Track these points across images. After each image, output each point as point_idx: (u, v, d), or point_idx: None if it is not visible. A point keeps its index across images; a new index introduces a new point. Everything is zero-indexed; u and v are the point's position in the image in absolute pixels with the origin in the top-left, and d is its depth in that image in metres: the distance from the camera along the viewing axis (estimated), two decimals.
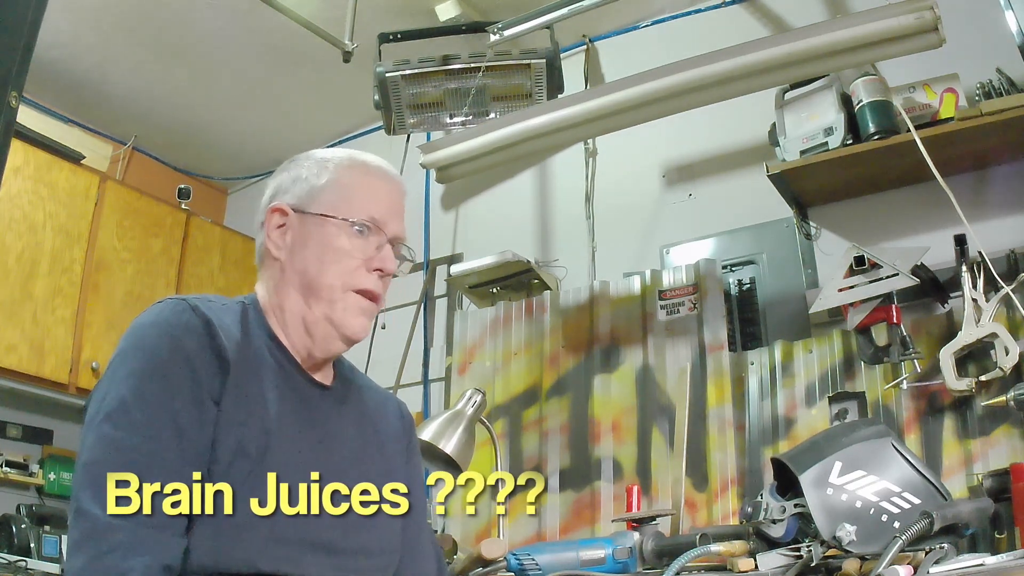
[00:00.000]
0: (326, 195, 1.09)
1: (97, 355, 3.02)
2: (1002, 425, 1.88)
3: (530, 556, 1.53)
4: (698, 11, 2.92)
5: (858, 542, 1.16)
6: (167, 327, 0.97)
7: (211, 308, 1.01)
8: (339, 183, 1.10)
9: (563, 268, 2.92)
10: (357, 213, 1.07)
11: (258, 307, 1.09)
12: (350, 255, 1.07)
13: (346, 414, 1.13)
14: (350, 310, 1.07)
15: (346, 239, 1.07)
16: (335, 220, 1.07)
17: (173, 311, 0.98)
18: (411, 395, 3.07)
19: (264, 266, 1.12)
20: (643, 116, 2.23)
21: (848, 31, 1.92)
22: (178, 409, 0.92)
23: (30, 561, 2.60)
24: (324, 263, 1.06)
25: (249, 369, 1.00)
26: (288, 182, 1.11)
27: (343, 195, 1.09)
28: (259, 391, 1.00)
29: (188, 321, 0.97)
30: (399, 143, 3.08)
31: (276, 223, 1.09)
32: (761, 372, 2.26)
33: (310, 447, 1.03)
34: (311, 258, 1.06)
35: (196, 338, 0.97)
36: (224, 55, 3.21)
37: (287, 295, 1.08)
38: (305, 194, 1.09)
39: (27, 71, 1.06)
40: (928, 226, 2.20)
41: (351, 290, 1.07)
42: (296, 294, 1.07)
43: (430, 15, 2.89)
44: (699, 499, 2.17)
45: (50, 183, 3.00)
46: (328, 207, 1.08)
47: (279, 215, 1.09)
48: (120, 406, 0.91)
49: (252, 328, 1.05)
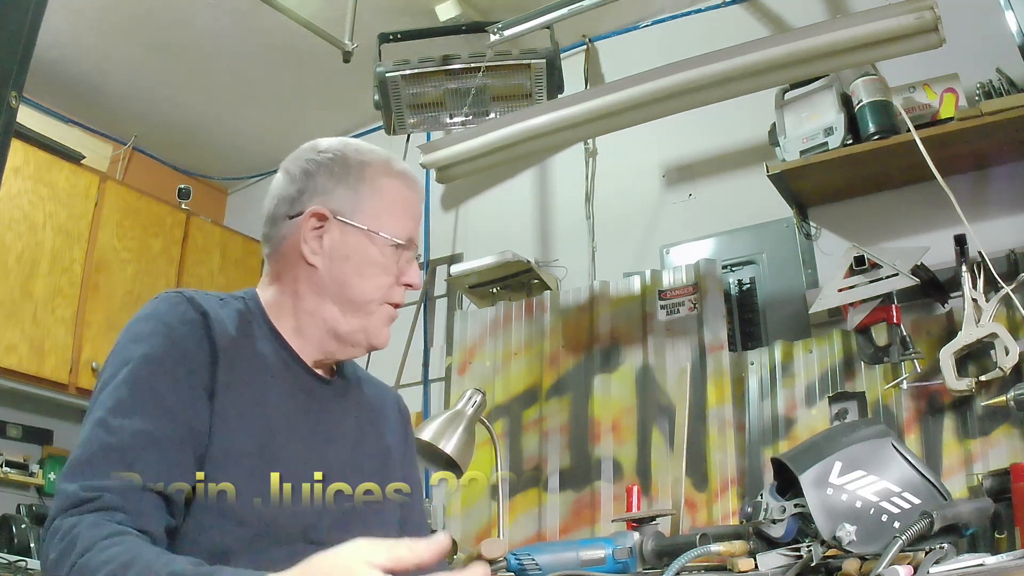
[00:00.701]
0: (368, 205, 1.08)
1: (97, 355, 3.02)
2: (1002, 425, 1.88)
3: (530, 556, 1.53)
4: (698, 11, 2.92)
5: (858, 542, 1.16)
6: (164, 319, 0.97)
7: (208, 301, 1.02)
8: (380, 194, 1.10)
9: (563, 268, 2.92)
10: (398, 231, 1.09)
11: (258, 302, 1.09)
12: (386, 270, 1.09)
13: (346, 407, 1.13)
14: (383, 321, 1.10)
15: (384, 254, 1.08)
16: (379, 237, 1.08)
17: (169, 304, 0.99)
18: (411, 395, 3.07)
19: (285, 264, 1.09)
20: (643, 116, 2.23)
21: (848, 31, 1.93)
22: (175, 400, 0.93)
23: (30, 561, 2.60)
24: (365, 277, 1.07)
25: (248, 363, 1.01)
26: (329, 182, 1.08)
27: (385, 208, 1.09)
28: (259, 385, 1.00)
29: (184, 313, 0.98)
30: (399, 143, 3.08)
31: (313, 226, 1.07)
32: (761, 372, 2.26)
33: (312, 440, 1.04)
34: (352, 271, 1.07)
35: (193, 330, 0.97)
36: (224, 55, 3.21)
37: (320, 302, 1.08)
38: (348, 201, 1.08)
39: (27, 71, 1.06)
40: (928, 226, 2.20)
41: (386, 303, 1.10)
42: (331, 303, 1.07)
43: (430, 15, 2.89)
44: (699, 499, 2.17)
45: (50, 183, 3.00)
46: (372, 220, 1.08)
47: (320, 219, 1.07)
48: (117, 398, 0.91)
49: (252, 323, 1.05)
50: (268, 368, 1.03)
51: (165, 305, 0.99)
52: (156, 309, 0.99)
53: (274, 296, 1.10)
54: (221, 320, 1.01)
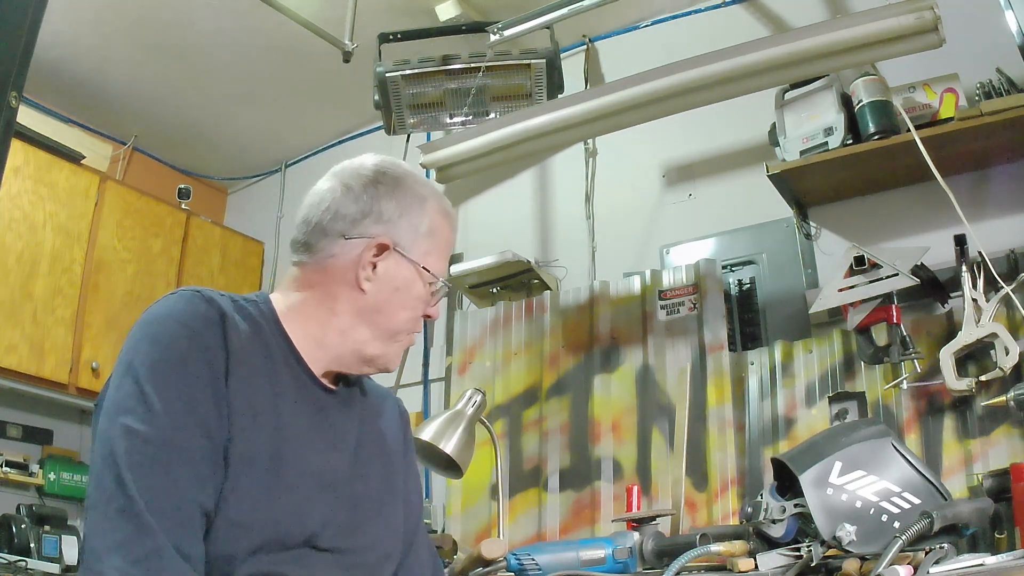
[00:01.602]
0: (423, 241, 1.11)
1: (97, 355, 3.02)
2: (1002, 425, 1.88)
3: (530, 556, 1.53)
4: (698, 11, 2.92)
5: (858, 542, 1.16)
6: (184, 318, 0.95)
7: (224, 301, 1.01)
8: (434, 233, 1.13)
9: (563, 268, 2.93)
10: (441, 270, 1.13)
11: (271, 307, 1.07)
12: (421, 303, 1.12)
13: (350, 415, 1.13)
14: (402, 348, 1.13)
15: (424, 289, 1.11)
16: (427, 274, 1.11)
17: (189, 302, 0.97)
18: (411, 395, 3.07)
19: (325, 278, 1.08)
20: (643, 116, 2.23)
21: (848, 31, 1.93)
22: (200, 400, 0.91)
23: (30, 561, 2.60)
24: (406, 309, 1.10)
25: (257, 369, 0.99)
26: (395, 212, 1.09)
27: (435, 246, 1.12)
28: (267, 391, 0.99)
29: (205, 313, 0.97)
30: (399, 143, 3.08)
31: (375, 254, 1.07)
32: (761, 372, 2.26)
33: (318, 448, 1.03)
34: (398, 303, 1.09)
35: (214, 332, 0.96)
36: (224, 55, 3.21)
37: (356, 324, 1.08)
38: (409, 234, 1.09)
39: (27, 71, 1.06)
40: (928, 226, 2.20)
41: (410, 332, 1.13)
42: (367, 329, 1.08)
43: (430, 15, 2.89)
44: (699, 499, 2.17)
45: (50, 183, 3.00)
46: (423, 257, 1.10)
47: (381, 249, 1.07)
48: (140, 398, 0.89)
49: (264, 328, 1.04)
50: (276, 374, 1.02)
51: (184, 304, 0.97)
52: (175, 308, 0.96)
53: (298, 304, 1.08)
54: (236, 323, 0.99)
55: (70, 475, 3.09)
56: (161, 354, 0.92)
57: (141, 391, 0.89)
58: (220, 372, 0.94)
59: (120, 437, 0.87)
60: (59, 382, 2.92)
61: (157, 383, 0.90)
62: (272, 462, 0.95)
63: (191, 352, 0.93)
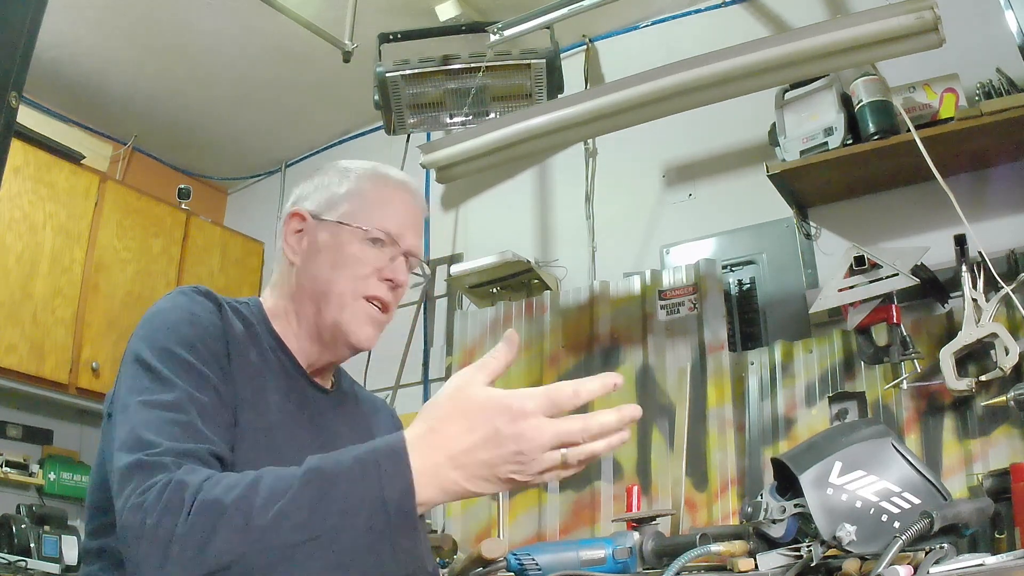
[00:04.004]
0: (345, 203, 1.10)
1: (97, 355, 3.02)
2: (1002, 425, 1.88)
3: (530, 556, 1.53)
4: (698, 11, 2.92)
5: (858, 542, 1.16)
6: (189, 308, 0.98)
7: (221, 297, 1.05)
8: (359, 192, 1.11)
9: (563, 268, 2.92)
10: (373, 223, 1.09)
11: (261, 308, 1.11)
12: (362, 263, 1.08)
13: (341, 417, 1.14)
14: (359, 317, 1.08)
15: (359, 247, 1.08)
16: (350, 228, 1.08)
17: (188, 296, 1.01)
18: (411, 395, 3.07)
19: (278, 270, 1.14)
20: (643, 116, 2.23)
21: (848, 31, 1.93)
22: (209, 375, 0.93)
23: (30, 561, 2.60)
24: (336, 268, 1.07)
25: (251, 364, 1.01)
26: (310, 189, 1.13)
27: (361, 205, 1.10)
28: (261, 387, 1.01)
29: (204, 303, 1.00)
30: (399, 143, 3.08)
31: (294, 228, 1.11)
32: (761, 372, 2.26)
33: (309, 447, 1.04)
34: (324, 264, 1.08)
35: (214, 320, 0.99)
36: (224, 55, 3.21)
37: (300, 300, 1.09)
38: (324, 201, 1.11)
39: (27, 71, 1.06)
40: (928, 226, 2.20)
41: (361, 297, 1.08)
42: (308, 299, 1.09)
43: (430, 15, 2.89)
44: (699, 499, 2.17)
45: (50, 183, 3.00)
46: (345, 215, 1.09)
47: (297, 220, 1.11)
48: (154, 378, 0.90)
49: (256, 327, 1.07)
50: (271, 371, 1.04)
51: (184, 298, 1.00)
52: (176, 301, 1.00)
53: (273, 301, 1.13)
54: (231, 317, 1.03)
55: (70, 475, 3.09)
56: (167, 339, 0.94)
57: (153, 373, 0.91)
58: (223, 354, 0.97)
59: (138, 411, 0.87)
60: (59, 382, 2.92)
61: (168, 363, 0.91)
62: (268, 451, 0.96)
63: (196, 336, 0.95)
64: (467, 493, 0.76)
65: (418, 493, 0.74)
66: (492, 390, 0.76)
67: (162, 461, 0.80)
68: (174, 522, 0.74)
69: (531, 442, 0.73)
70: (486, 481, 0.75)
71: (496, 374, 0.78)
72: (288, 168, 3.96)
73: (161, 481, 0.78)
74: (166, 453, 0.81)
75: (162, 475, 0.79)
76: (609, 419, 0.77)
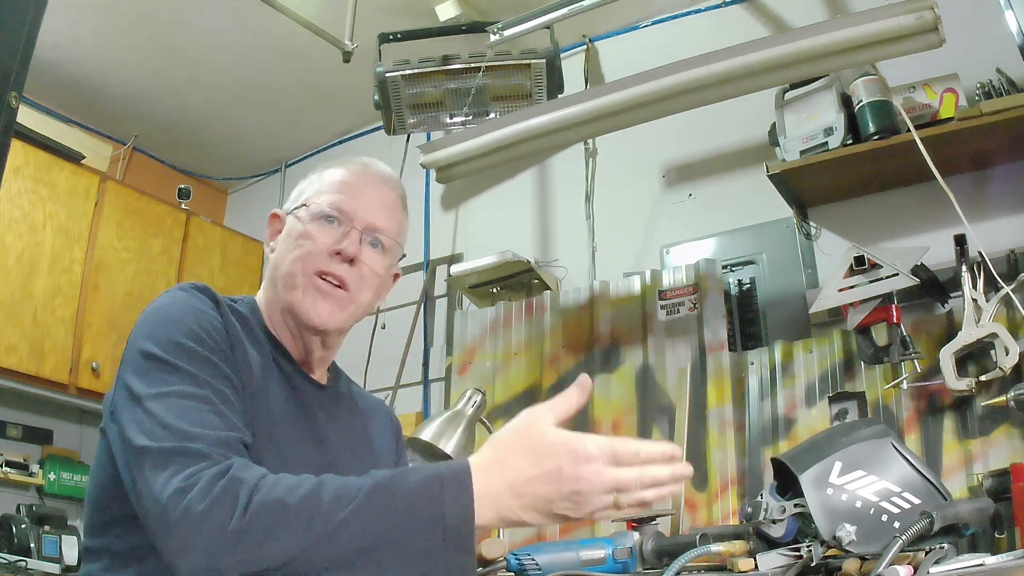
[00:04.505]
0: (307, 192, 1.14)
1: (97, 355, 3.02)
2: (1002, 425, 1.88)
3: (530, 556, 1.53)
4: (698, 11, 2.92)
5: (858, 542, 1.16)
6: (188, 302, 0.99)
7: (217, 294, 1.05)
8: (319, 179, 1.14)
9: (563, 268, 2.92)
10: (323, 201, 1.10)
11: (256, 307, 1.13)
12: (311, 240, 1.08)
13: (339, 413, 1.16)
14: (308, 293, 1.07)
15: (311, 226, 1.09)
16: (304, 209, 1.11)
17: (187, 292, 1.02)
18: (411, 395, 3.07)
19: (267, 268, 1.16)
20: (643, 116, 2.23)
21: (848, 31, 1.92)
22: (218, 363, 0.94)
23: (30, 561, 2.60)
24: (291, 250, 1.09)
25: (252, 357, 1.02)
26: (293, 193, 1.18)
27: (318, 188, 1.13)
28: (263, 382, 1.02)
29: (203, 298, 1.01)
30: (399, 143, 3.08)
31: (275, 228, 1.16)
32: (761, 372, 2.25)
33: (308, 442, 1.04)
34: (283, 249, 1.11)
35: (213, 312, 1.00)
36: (224, 55, 3.21)
37: (269, 289, 1.12)
38: (294, 197, 1.15)
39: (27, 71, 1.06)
40: (928, 226, 2.20)
41: (312, 273, 1.07)
42: (272, 286, 1.11)
43: (430, 15, 2.89)
44: (699, 499, 2.17)
45: (50, 183, 3.00)
46: (302, 200, 1.13)
47: (274, 220, 1.17)
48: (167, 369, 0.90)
49: (252, 325, 1.08)
50: (269, 366, 1.05)
51: (184, 294, 1.01)
52: (177, 297, 1.00)
53: (263, 297, 1.15)
54: (228, 314, 1.04)
55: (70, 475, 3.09)
56: (174, 332, 0.94)
57: (167, 365, 0.90)
58: (227, 346, 0.98)
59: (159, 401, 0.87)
60: (59, 382, 2.92)
61: (180, 355, 0.91)
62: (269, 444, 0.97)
63: (202, 328, 0.96)
64: (520, 521, 0.81)
65: (477, 515, 0.79)
66: (561, 431, 0.82)
67: (201, 449, 0.82)
68: (227, 515, 0.76)
69: (590, 484, 0.79)
70: (539, 513, 0.81)
71: (565, 416, 0.85)
72: (288, 168, 3.96)
73: (209, 471, 0.80)
74: (203, 441, 0.83)
75: (204, 463, 0.80)
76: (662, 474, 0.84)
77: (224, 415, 0.89)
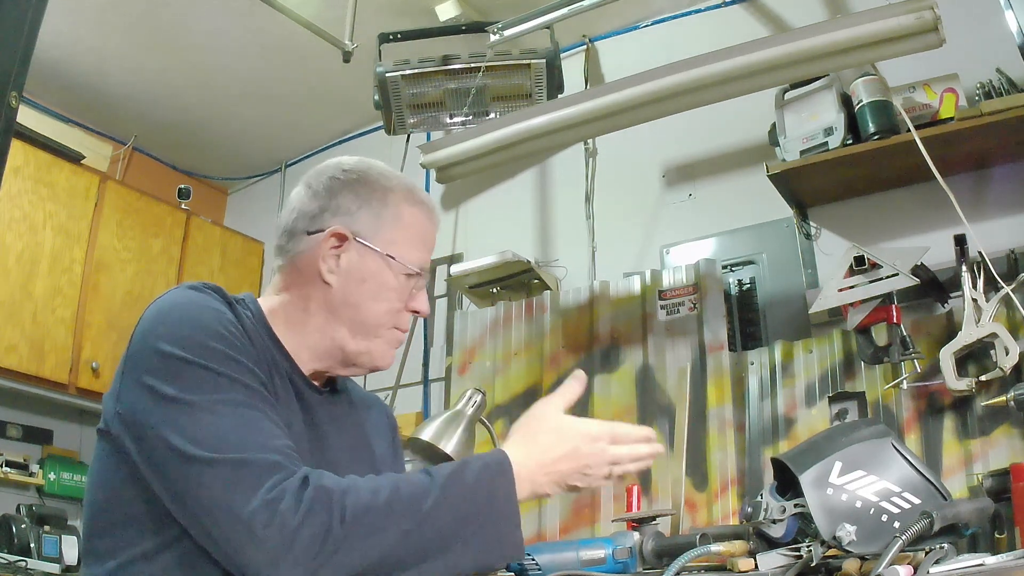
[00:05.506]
0: (388, 231, 1.09)
1: (97, 355, 3.02)
2: (1002, 425, 1.88)
3: (530, 556, 1.53)
4: (698, 11, 2.92)
5: (858, 542, 1.16)
6: (204, 302, 0.97)
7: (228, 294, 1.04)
8: (401, 221, 1.10)
9: (563, 268, 2.92)
10: (415, 260, 1.10)
11: (258, 307, 1.08)
12: (399, 296, 1.09)
13: (337, 415, 1.15)
14: (389, 345, 1.11)
15: (397, 280, 1.09)
16: (395, 263, 1.08)
17: (199, 291, 0.99)
18: (411, 395, 3.07)
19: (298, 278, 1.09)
20: (643, 116, 2.23)
21: (848, 31, 1.92)
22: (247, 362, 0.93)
23: (30, 561, 2.60)
24: (378, 301, 1.08)
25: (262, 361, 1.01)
26: (352, 203, 1.08)
27: (404, 236, 1.10)
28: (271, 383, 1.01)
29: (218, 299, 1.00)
30: (399, 143, 3.08)
31: (332, 245, 1.07)
32: (761, 372, 2.25)
33: (307, 446, 1.04)
34: (367, 294, 1.07)
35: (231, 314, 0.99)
36: (224, 55, 3.21)
37: (330, 321, 1.08)
38: (369, 224, 1.08)
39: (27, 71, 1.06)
40: (928, 226, 2.20)
41: (393, 327, 1.10)
42: (341, 324, 1.08)
43: (430, 15, 2.89)
44: (699, 499, 2.17)
45: (50, 183, 3.00)
46: (390, 246, 1.08)
47: (342, 240, 1.07)
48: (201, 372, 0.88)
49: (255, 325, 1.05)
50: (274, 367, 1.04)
51: (197, 293, 0.99)
52: (190, 296, 0.98)
53: (280, 306, 1.09)
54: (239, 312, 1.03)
55: (70, 475, 3.09)
56: (200, 334, 0.92)
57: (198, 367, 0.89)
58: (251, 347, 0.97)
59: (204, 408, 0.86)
60: (59, 382, 2.92)
61: (212, 359, 0.90)
62: None
63: (225, 329, 0.94)
64: (545, 494, 0.98)
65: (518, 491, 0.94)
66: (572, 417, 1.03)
67: (274, 460, 0.85)
68: (325, 525, 0.82)
69: (598, 460, 1.00)
70: (558, 485, 0.98)
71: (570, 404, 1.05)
72: (288, 168, 3.96)
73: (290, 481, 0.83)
74: (272, 450, 0.86)
75: (280, 474, 0.84)
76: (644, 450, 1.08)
77: (276, 421, 0.90)
